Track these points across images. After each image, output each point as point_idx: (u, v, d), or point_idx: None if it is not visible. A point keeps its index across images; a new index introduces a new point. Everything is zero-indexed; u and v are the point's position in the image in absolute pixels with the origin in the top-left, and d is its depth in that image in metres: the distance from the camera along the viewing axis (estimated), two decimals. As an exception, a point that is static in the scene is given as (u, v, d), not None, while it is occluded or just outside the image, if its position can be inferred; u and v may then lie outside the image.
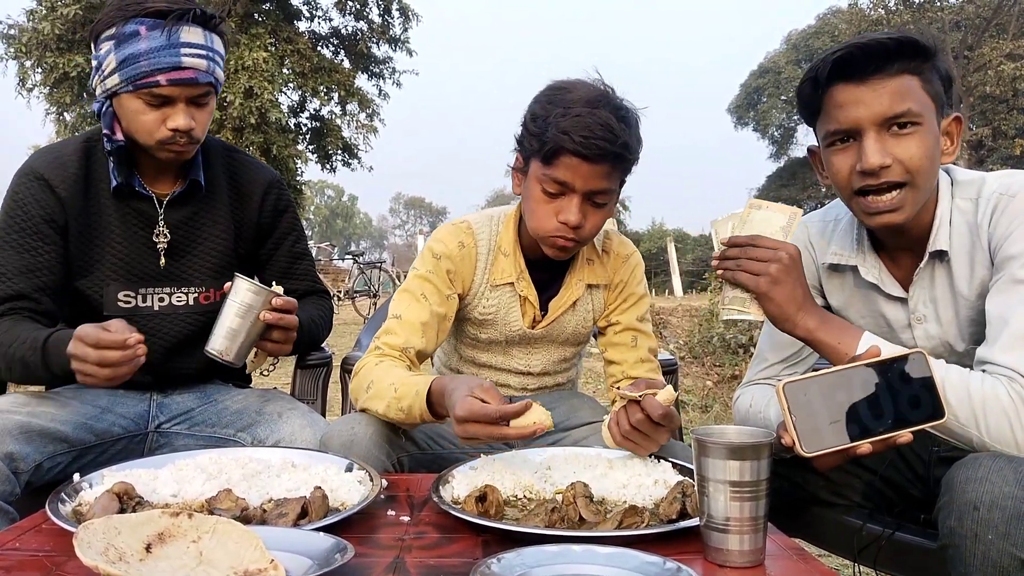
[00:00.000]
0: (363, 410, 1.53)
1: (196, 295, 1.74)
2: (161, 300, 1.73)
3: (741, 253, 1.31)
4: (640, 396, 1.31)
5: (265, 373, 1.99)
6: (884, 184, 1.30)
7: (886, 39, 1.28)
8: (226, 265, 1.75)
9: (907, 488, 1.50)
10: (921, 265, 1.39)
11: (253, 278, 1.55)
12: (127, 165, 1.67)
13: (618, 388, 1.39)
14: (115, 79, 1.57)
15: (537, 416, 1.24)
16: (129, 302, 1.70)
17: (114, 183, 1.66)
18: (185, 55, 1.56)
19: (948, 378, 1.18)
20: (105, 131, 1.63)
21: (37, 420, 1.49)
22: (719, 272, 1.35)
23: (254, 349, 1.61)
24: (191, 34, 1.58)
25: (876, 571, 1.43)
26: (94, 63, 1.63)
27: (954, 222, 1.36)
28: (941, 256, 1.38)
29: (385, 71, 18.08)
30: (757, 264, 1.29)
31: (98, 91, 1.63)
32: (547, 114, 1.48)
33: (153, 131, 1.59)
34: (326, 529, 1.05)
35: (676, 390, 2.04)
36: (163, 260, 1.72)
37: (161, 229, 1.71)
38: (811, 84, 1.36)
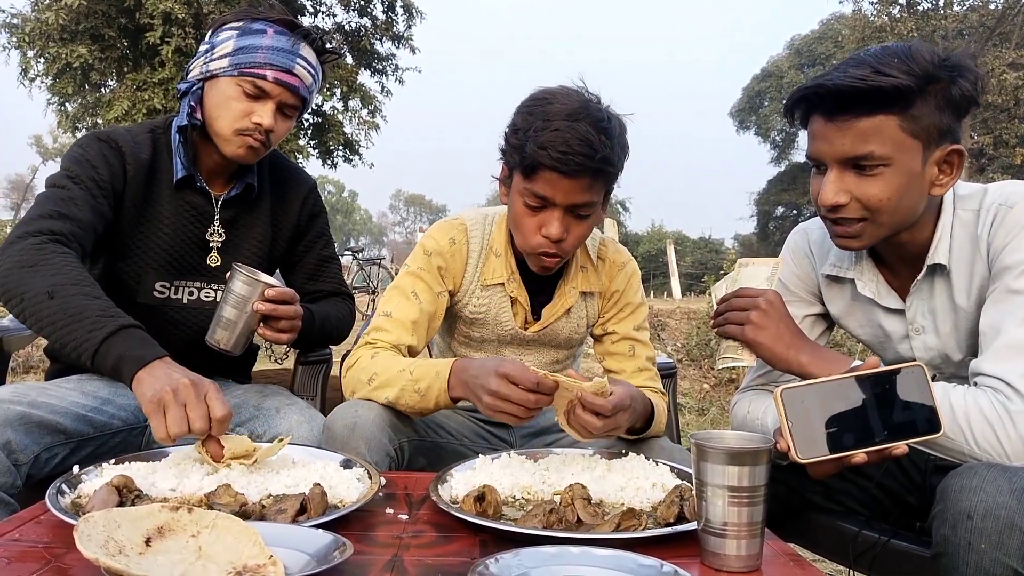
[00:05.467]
0: (365, 399, 1.52)
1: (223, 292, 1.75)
2: (191, 294, 1.76)
3: (727, 307, 1.41)
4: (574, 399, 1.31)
5: (280, 361, 2.01)
6: (840, 218, 1.34)
7: (859, 83, 1.24)
8: (260, 266, 1.78)
9: (903, 496, 1.50)
10: (919, 278, 1.40)
11: (273, 274, 1.56)
12: (190, 159, 1.71)
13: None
14: (224, 62, 1.64)
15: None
16: (163, 293, 1.74)
17: (179, 174, 1.71)
18: (299, 64, 1.67)
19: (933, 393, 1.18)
20: (190, 105, 1.67)
21: (37, 411, 1.49)
22: (714, 329, 1.44)
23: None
24: (308, 52, 1.70)
25: (870, 578, 1.43)
26: (204, 47, 1.70)
27: (955, 234, 1.37)
28: (940, 269, 1.38)
29: (388, 68, 18.06)
30: (740, 314, 1.38)
31: (195, 72, 1.69)
32: (527, 127, 1.47)
33: (237, 119, 1.64)
34: (325, 526, 1.05)
35: (674, 394, 2.06)
36: (214, 257, 1.77)
37: (216, 227, 1.76)
38: (789, 111, 1.39)
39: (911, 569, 1.34)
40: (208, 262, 1.76)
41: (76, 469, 1.25)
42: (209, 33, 1.71)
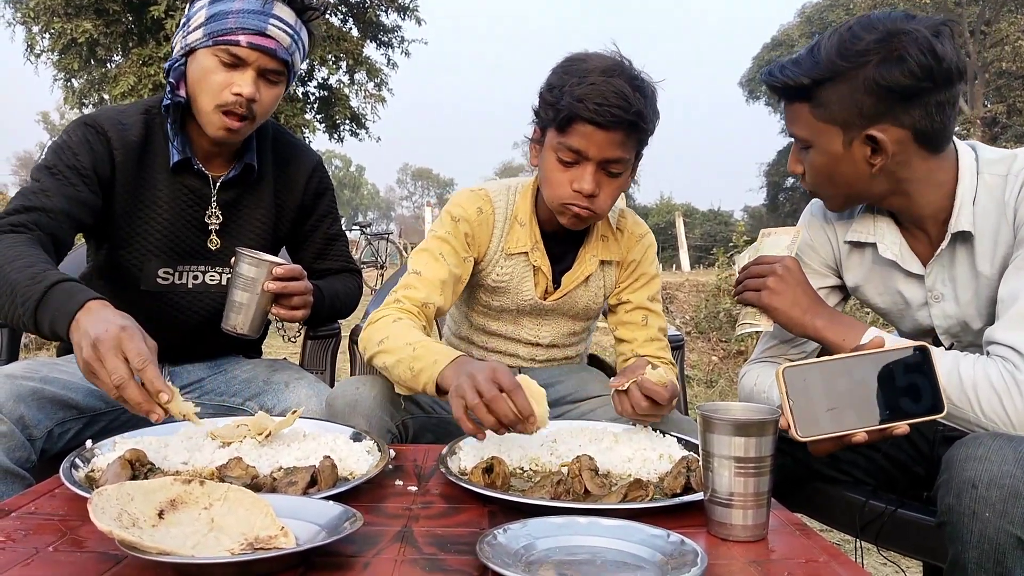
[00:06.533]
0: (370, 359, 1.51)
1: (229, 275, 1.71)
2: (195, 278, 1.74)
3: (746, 275, 1.45)
4: (628, 384, 1.39)
5: (293, 340, 2.02)
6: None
7: (769, 79, 1.40)
8: (264, 247, 1.74)
9: (911, 466, 1.51)
10: (943, 246, 1.39)
11: (278, 253, 1.55)
12: (184, 140, 1.67)
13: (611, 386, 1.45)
14: (199, 33, 1.59)
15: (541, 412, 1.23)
16: (167, 279, 1.71)
17: (175, 158, 1.66)
18: (272, 25, 1.59)
19: (942, 363, 1.18)
20: (170, 82, 1.63)
21: (49, 387, 1.50)
22: (735, 297, 1.49)
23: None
24: (283, 12, 1.62)
25: (878, 547, 1.44)
26: (183, 21, 1.65)
27: (980, 199, 1.35)
28: (964, 236, 1.37)
29: (394, 40, 17.89)
30: (757, 280, 1.42)
31: (177, 48, 1.64)
32: (563, 84, 1.50)
33: (217, 92, 1.59)
34: (335, 498, 1.06)
35: (682, 366, 2.06)
36: (214, 240, 1.73)
37: (214, 210, 1.73)
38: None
39: (917, 538, 1.35)
40: (209, 245, 1.73)
41: (89, 443, 1.26)
42: (188, 5, 1.67)
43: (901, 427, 1.11)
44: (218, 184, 1.73)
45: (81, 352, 1.20)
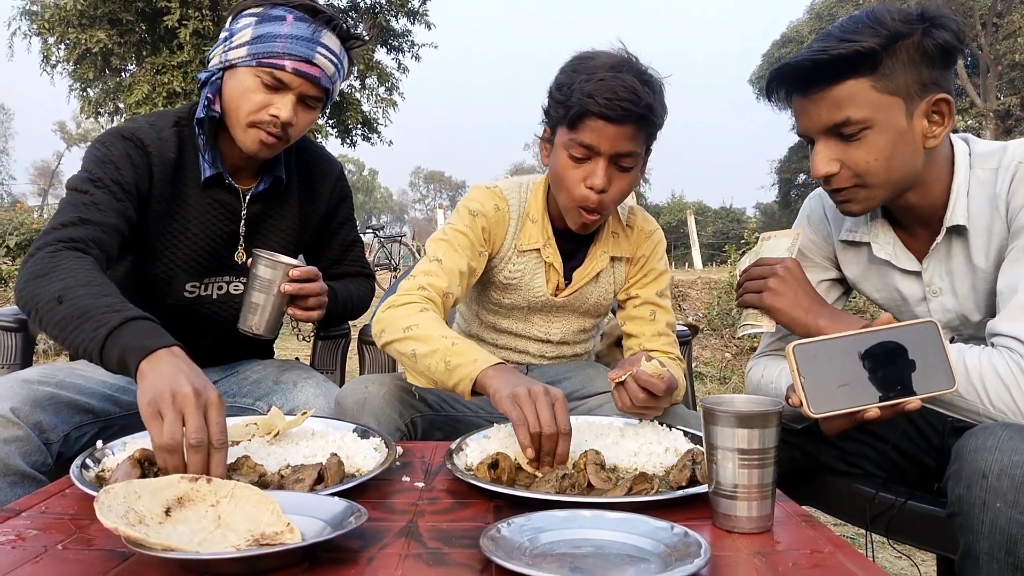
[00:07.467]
0: (390, 343, 1.48)
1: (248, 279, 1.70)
2: (220, 288, 1.74)
3: (746, 277, 1.45)
4: (625, 377, 1.39)
5: (308, 339, 2.03)
6: (836, 188, 1.36)
7: (822, 55, 1.27)
8: (287, 256, 1.72)
9: (921, 458, 1.50)
10: (938, 240, 1.38)
11: (296, 257, 1.56)
12: (214, 154, 1.66)
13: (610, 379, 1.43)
14: (242, 51, 1.58)
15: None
16: (193, 292, 1.71)
17: (207, 173, 1.66)
18: (320, 53, 1.59)
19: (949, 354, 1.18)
20: (207, 96, 1.62)
21: (65, 392, 1.52)
22: (736, 300, 1.49)
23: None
24: (330, 40, 1.62)
25: (888, 539, 1.43)
26: (224, 35, 1.64)
27: (972, 193, 1.35)
28: (959, 230, 1.37)
29: (404, 44, 17.95)
30: (758, 282, 1.42)
31: (215, 61, 1.63)
32: (572, 81, 1.51)
33: (254, 111, 1.58)
34: (342, 494, 1.07)
35: (689, 361, 2.06)
36: (241, 253, 1.73)
37: (244, 223, 1.72)
38: (768, 95, 1.42)
39: (928, 530, 1.34)
40: (236, 258, 1.73)
41: (100, 444, 1.27)
42: (229, 19, 1.65)
43: (913, 402, 1.11)
44: (248, 197, 1.73)
45: (159, 391, 1.12)
